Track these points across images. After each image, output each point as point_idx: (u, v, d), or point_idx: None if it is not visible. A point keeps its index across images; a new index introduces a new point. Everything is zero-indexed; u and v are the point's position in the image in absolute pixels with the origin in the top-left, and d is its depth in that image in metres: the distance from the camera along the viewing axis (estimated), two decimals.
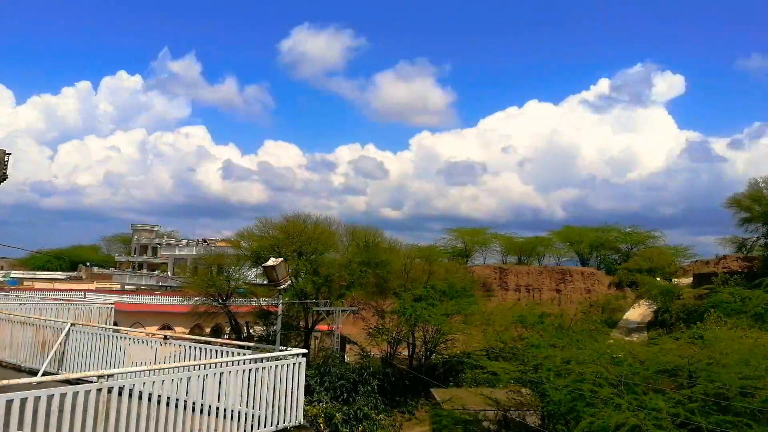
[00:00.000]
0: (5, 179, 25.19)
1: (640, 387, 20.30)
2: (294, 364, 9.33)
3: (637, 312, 58.67)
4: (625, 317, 58.00)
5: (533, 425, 24.45)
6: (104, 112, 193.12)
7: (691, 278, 61.07)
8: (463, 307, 39.53)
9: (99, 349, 11.90)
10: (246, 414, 8.55)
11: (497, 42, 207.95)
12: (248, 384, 8.66)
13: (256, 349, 11.60)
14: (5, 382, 6.28)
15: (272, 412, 8.89)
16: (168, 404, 7.75)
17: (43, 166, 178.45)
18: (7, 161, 25.22)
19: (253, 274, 39.59)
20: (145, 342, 11.69)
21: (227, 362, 8.82)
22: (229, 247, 44.43)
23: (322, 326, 38.59)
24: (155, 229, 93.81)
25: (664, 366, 21.42)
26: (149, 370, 8.15)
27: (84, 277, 79.22)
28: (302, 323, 37.16)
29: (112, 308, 18.14)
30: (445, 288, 40.89)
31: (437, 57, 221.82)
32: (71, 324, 12.68)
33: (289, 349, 10.13)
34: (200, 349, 10.25)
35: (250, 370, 8.74)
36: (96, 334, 12.19)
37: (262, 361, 8.98)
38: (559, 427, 22.94)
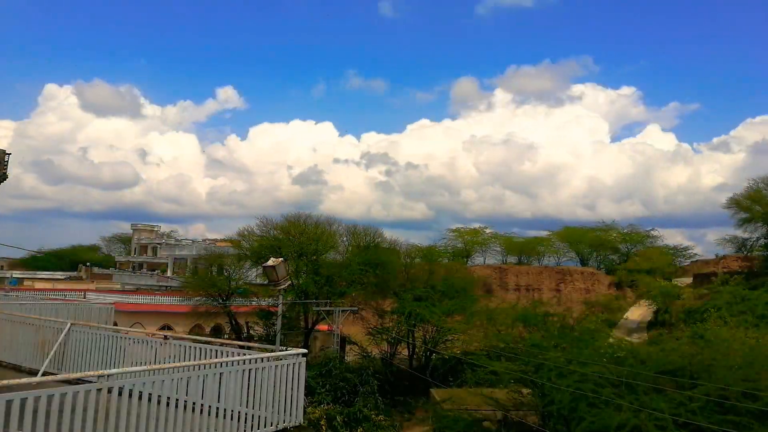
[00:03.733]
0: (5, 179, 25.15)
1: (642, 387, 20.28)
2: (294, 364, 9.31)
3: (637, 312, 58.69)
4: (625, 317, 58.01)
5: (533, 425, 24.43)
6: None
7: (691, 278, 61.07)
8: (463, 306, 39.52)
9: (99, 349, 11.88)
10: (246, 414, 8.53)
11: None
12: (248, 384, 8.64)
13: (258, 350, 11.57)
14: (5, 382, 6.26)
15: (272, 413, 8.88)
16: (168, 404, 7.73)
17: None
18: (7, 161, 25.16)
19: (253, 274, 39.59)
20: (145, 342, 11.67)
21: (227, 362, 8.80)
22: (230, 247, 44.44)
23: (323, 326, 38.59)
24: (155, 229, 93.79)
25: (666, 366, 21.40)
26: (149, 370, 8.12)
27: (84, 277, 79.13)
28: (302, 323, 37.17)
29: (112, 308, 18.09)
30: (445, 288, 40.88)
31: None
32: (71, 324, 12.66)
33: (289, 349, 10.11)
34: (200, 349, 10.23)
35: (250, 370, 8.72)
36: (96, 334, 12.18)
37: (262, 361, 8.96)
38: (559, 428, 22.91)
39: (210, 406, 8.33)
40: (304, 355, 9.57)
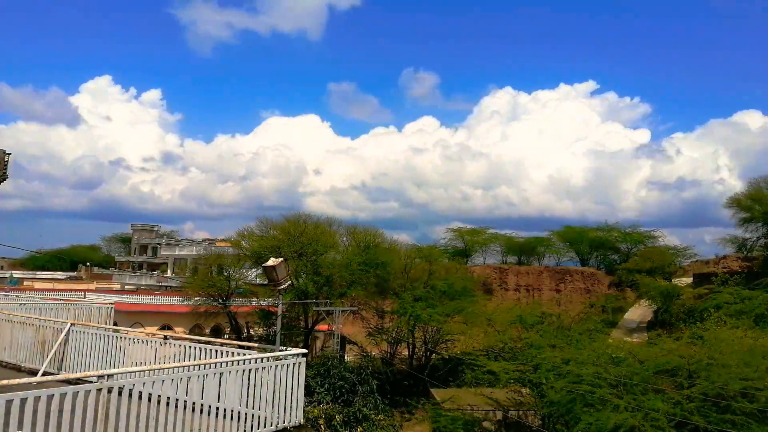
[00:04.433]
0: (5, 179, 25.19)
1: (639, 387, 20.30)
2: (294, 364, 9.34)
3: (637, 312, 58.65)
4: (625, 317, 57.98)
5: (533, 425, 24.45)
6: None
7: (691, 278, 61.02)
8: (463, 307, 39.53)
9: (99, 349, 11.90)
10: (246, 414, 8.56)
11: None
12: (248, 384, 8.66)
13: (258, 350, 11.59)
14: (5, 382, 6.28)
15: (272, 412, 8.90)
16: (168, 404, 7.75)
17: None
18: (7, 161, 25.19)
19: (253, 274, 39.61)
20: (145, 342, 11.69)
21: (227, 362, 8.82)
22: (230, 247, 44.45)
23: (323, 326, 38.59)
24: (155, 229, 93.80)
25: (664, 366, 21.41)
26: (149, 370, 8.15)
27: (84, 277, 79.21)
28: (302, 323, 37.18)
29: (112, 308, 18.12)
30: (445, 288, 40.87)
31: None
32: (71, 324, 12.68)
33: (289, 349, 10.13)
34: (200, 349, 10.25)
35: (250, 370, 8.74)
36: (96, 334, 12.20)
37: (262, 361, 8.98)
38: (558, 427, 22.93)
39: (210, 406, 8.35)
40: (303, 355, 9.60)
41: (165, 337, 12.34)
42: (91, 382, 7.12)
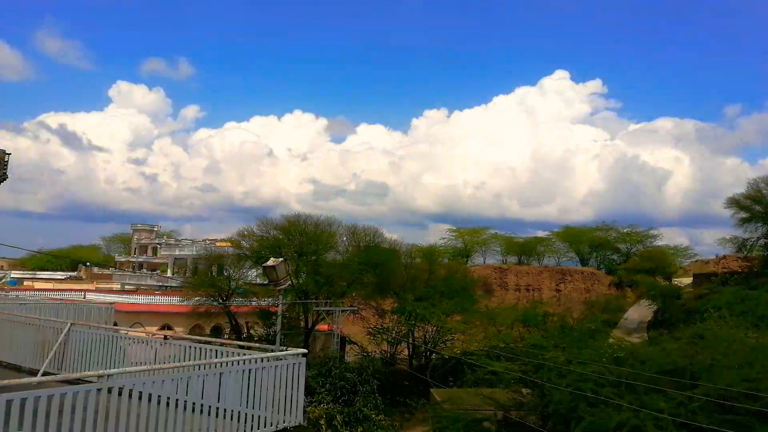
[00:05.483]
0: (5, 179, 25.15)
1: (642, 387, 20.27)
2: (294, 364, 9.31)
3: (637, 312, 58.61)
4: (625, 317, 57.95)
5: (533, 425, 24.40)
6: None
7: (691, 278, 60.99)
8: (464, 306, 39.51)
9: (99, 349, 11.88)
10: (246, 414, 8.53)
11: None
12: (248, 384, 8.64)
13: (259, 350, 11.57)
14: (5, 382, 6.26)
15: (272, 413, 8.88)
16: (168, 404, 7.73)
17: None
18: (7, 161, 25.15)
19: (253, 274, 39.61)
20: (145, 342, 11.67)
21: (227, 362, 8.80)
22: (230, 247, 44.44)
23: (323, 326, 38.59)
24: (155, 229, 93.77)
25: (666, 366, 21.37)
26: (149, 370, 8.12)
27: (84, 277, 79.24)
28: (303, 323, 37.17)
29: (112, 308, 18.09)
30: (445, 288, 40.87)
31: None
32: (71, 324, 12.65)
33: (289, 349, 10.11)
34: (200, 349, 10.23)
35: (250, 370, 8.72)
36: (96, 334, 12.18)
37: (262, 361, 8.96)
38: (559, 428, 22.88)
39: (210, 406, 8.33)
40: (304, 355, 9.57)
41: (165, 337, 12.33)
42: (91, 382, 7.10)
